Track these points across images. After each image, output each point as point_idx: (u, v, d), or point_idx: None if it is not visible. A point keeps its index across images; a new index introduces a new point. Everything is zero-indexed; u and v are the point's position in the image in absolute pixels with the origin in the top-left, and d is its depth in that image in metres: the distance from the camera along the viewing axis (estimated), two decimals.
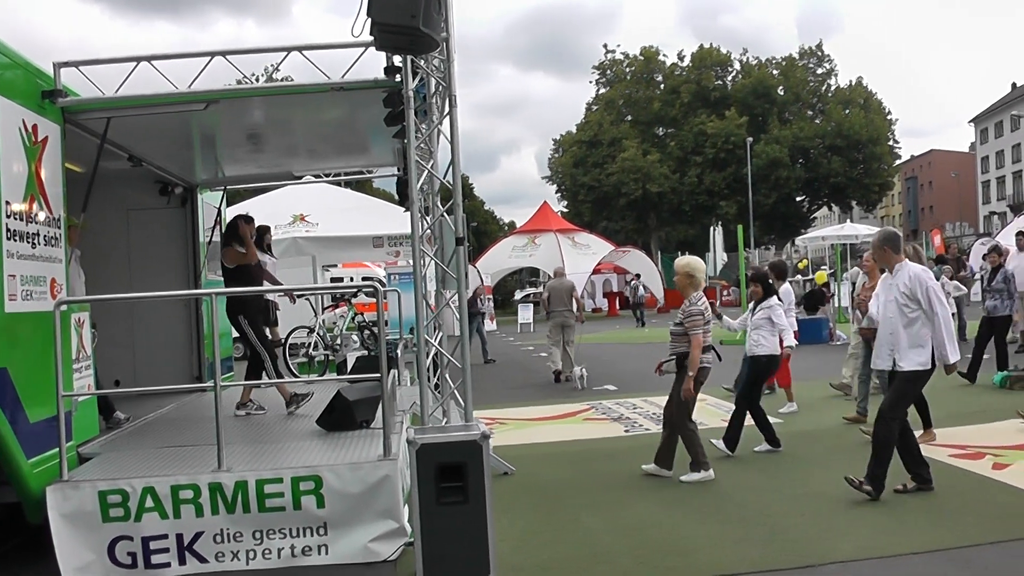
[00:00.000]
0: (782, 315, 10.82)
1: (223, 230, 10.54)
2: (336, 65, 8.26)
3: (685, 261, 9.67)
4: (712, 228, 66.02)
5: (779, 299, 11.12)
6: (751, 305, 11.24)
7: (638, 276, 45.90)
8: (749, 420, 10.52)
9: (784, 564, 6.50)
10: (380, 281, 18.05)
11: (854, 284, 16.26)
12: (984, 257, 19.01)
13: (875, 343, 8.52)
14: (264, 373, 10.24)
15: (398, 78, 7.72)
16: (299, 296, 18.03)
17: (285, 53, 8.55)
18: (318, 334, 17.90)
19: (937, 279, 9.11)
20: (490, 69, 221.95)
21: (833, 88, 76.62)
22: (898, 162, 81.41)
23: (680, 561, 6.71)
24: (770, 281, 11.14)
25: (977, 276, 20.92)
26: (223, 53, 8.30)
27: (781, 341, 10.87)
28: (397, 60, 7.70)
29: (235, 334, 10.54)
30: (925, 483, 8.23)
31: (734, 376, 14.77)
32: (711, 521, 7.75)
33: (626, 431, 12.60)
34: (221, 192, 13.64)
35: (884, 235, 8.48)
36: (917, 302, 7.95)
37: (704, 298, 9.42)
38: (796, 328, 13.60)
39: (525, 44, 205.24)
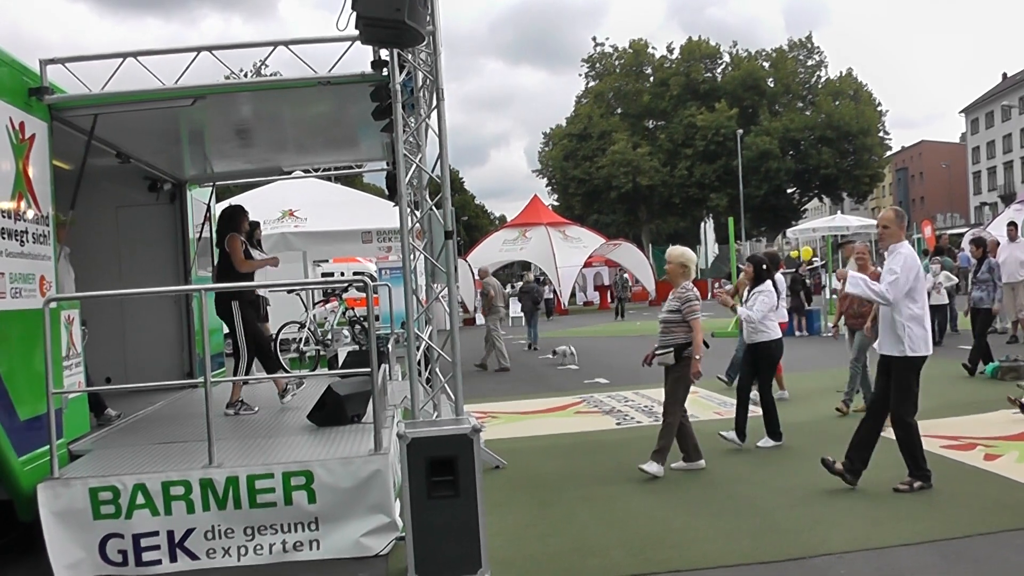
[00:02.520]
0: (766, 302, 10.67)
1: (215, 219, 10.48)
2: (323, 60, 8.26)
3: (680, 251, 9.63)
4: (703, 221, 66.19)
5: (774, 286, 11.00)
6: (745, 291, 11.19)
7: (624, 272, 45.85)
8: (754, 412, 10.50)
9: (775, 556, 6.51)
10: (370, 276, 18.02)
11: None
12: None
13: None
14: (264, 365, 10.26)
15: (385, 72, 7.71)
16: (290, 292, 18.01)
17: (272, 48, 8.53)
18: (309, 329, 17.86)
19: (926, 271, 9.11)
20: (478, 63, 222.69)
21: (823, 80, 76.58)
22: (888, 153, 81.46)
23: (672, 554, 6.72)
24: (764, 266, 10.99)
25: (970, 267, 20.99)
26: (210, 48, 8.28)
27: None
28: (384, 54, 7.69)
29: (226, 330, 10.50)
30: (853, 473, 8.23)
31: (725, 367, 14.82)
32: (703, 513, 7.76)
33: (618, 424, 12.60)
34: (210, 188, 13.61)
35: (900, 211, 8.44)
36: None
37: (694, 287, 9.40)
38: (786, 319, 13.60)
39: (512, 38, 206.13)
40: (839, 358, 14.39)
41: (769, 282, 10.82)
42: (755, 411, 10.55)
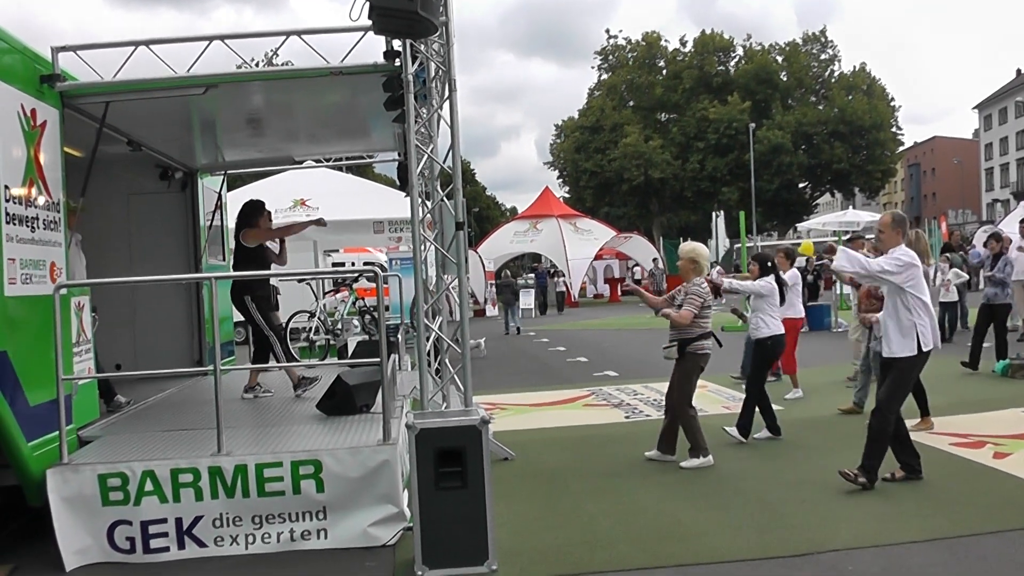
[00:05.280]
0: (766, 285, 10.62)
1: (240, 210, 10.47)
2: (335, 50, 8.25)
3: (691, 247, 9.61)
4: (714, 214, 65.87)
5: (779, 283, 10.92)
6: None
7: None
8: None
9: (783, 551, 6.50)
10: (381, 266, 18.05)
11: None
12: (984, 244, 18.99)
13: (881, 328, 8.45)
14: (272, 355, 10.26)
15: (397, 62, 7.70)
16: (300, 281, 18.04)
17: (284, 37, 8.53)
18: (319, 319, 17.94)
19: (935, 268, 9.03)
20: (489, 55, 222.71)
21: (836, 74, 76.34)
22: (901, 149, 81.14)
23: (679, 547, 6.72)
24: (769, 264, 10.96)
25: (983, 263, 20.88)
26: (222, 37, 8.27)
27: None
28: (396, 44, 7.69)
29: (239, 317, 10.51)
30: (914, 473, 8.21)
31: (738, 364, 14.77)
32: (711, 507, 7.75)
33: (626, 417, 12.60)
34: (221, 177, 13.62)
35: (899, 216, 8.31)
36: (897, 286, 7.89)
37: (706, 284, 9.39)
38: (802, 315, 13.54)
39: (522, 31, 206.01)
40: (849, 353, 14.36)
41: (772, 276, 10.79)
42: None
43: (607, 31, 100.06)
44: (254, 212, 10.28)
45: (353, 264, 29.31)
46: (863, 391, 11.78)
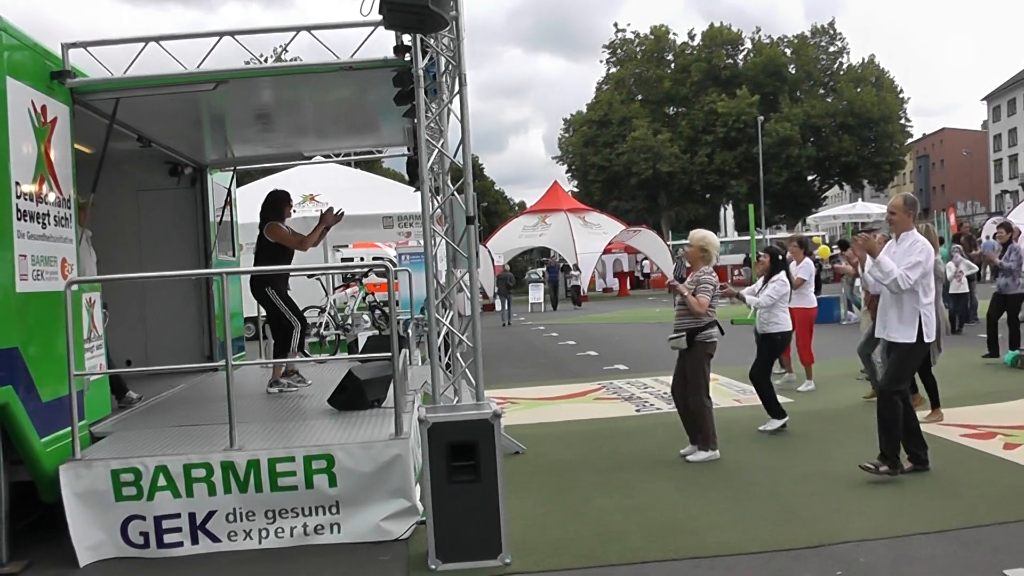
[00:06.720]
0: (778, 289, 10.64)
1: (265, 200, 10.48)
2: (345, 45, 8.25)
3: (702, 234, 9.53)
4: (722, 207, 65.74)
5: (788, 277, 10.93)
6: (760, 280, 11.15)
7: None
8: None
9: (794, 543, 6.49)
10: (391, 261, 18.06)
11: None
12: (993, 236, 18.91)
13: (878, 312, 8.43)
14: (299, 341, 10.29)
15: (407, 57, 7.69)
16: (310, 276, 18.07)
17: (294, 33, 8.52)
18: (329, 314, 17.98)
19: (946, 259, 9.01)
20: (496, 51, 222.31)
21: (845, 66, 76.03)
22: (909, 140, 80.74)
23: (691, 540, 6.71)
24: (780, 257, 10.96)
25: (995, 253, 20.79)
26: (232, 33, 8.27)
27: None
28: (406, 39, 7.68)
29: (249, 313, 10.49)
30: (921, 464, 8.17)
31: (747, 356, 14.75)
32: (722, 500, 7.75)
33: (637, 411, 12.60)
34: (231, 172, 13.64)
35: (910, 199, 8.29)
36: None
37: (715, 273, 9.35)
38: (815, 305, 13.50)
39: (530, 26, 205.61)
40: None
41: (783, 272, 10.79)
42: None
43: (615, 25, 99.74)
44: (278, 203, 10.29)
45: (362, 259, 29.34)
46: (875, 375, 11.74)
